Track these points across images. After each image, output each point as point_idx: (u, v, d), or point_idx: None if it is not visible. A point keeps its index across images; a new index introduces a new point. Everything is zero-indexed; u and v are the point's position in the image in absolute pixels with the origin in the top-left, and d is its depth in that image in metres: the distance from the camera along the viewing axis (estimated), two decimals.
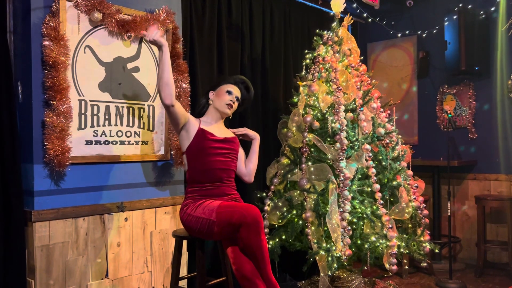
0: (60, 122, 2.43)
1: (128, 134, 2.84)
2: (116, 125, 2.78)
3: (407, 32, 5.05)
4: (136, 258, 2.85)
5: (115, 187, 2.76)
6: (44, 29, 2.42)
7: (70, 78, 2.54)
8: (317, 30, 3.78)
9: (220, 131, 2.71)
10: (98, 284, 2.65)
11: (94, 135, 2.67)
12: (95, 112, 2.68)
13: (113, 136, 2.77)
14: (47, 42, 2.42)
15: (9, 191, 2.36)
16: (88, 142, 2.64)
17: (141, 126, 2.91)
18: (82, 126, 2.62)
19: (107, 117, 2.73)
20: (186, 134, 2.61)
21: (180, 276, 2.79)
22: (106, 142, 2.73)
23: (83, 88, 2.61)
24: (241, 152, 2.86)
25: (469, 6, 4.50)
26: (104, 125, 2.72)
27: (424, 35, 4.94)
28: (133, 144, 2.86)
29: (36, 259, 2.39)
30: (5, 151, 2.35)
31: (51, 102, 2.43)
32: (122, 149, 2.81)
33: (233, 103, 2.71)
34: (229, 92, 2.71)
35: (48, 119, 2.41)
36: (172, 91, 2.43)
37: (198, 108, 2.83)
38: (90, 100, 2.65)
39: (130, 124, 2.85)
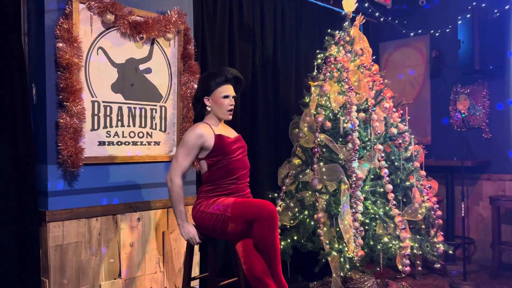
0: (73, 123, 2.46)
1: (141, 135, 2.86)
2: (128, 126, 2.80)
3: (420, 31, 5.00)
4: (148, 258, 2.86)
5: (127, 188, 2.78)
6: (58, 31, 2.45)
7: (83, 80, 2.57)
8: (329, 30, 3.76)
9: (228, 131, 2.68)
10: (111, 284, 2.67)
11: (107, 136, 2.69)
12: (108, 113, 2.70)
13: (126, 137, 2.79)
14: (60, 44, 2.44)
15: (24, 192, 2.39)
16: (101, 143, 2.67)
17: (153, 127, 2.92)
18: (95, 127, 2.64)
19: (119, 118, 2.75)
20: (205, 149, 2.53)
21: (192, 276, 2.80)
22: (119, 143, 2.75)
23: (96, 89, 2.63)
24: None
25: (483, 5, 4.45)
26: (116, 126, 2.74)
27: (437, 34, 4.89)
28: (145, 144, 2.88)
29: (50, 259, 2.42)
30: (20, 152, 2.38)
31: (65, 103, 2.45)
32: (135, 149, 2.82)
33: (233, 105, 2.61)
34: (226, 96, 2.56)
35: (61, 120, 2.44)
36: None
37: (196, 115, 2.69)
38: (103, 101, 2.67)
39: (143, 125, 2.87)
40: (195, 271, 3.01)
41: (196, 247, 2.96)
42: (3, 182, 2.35)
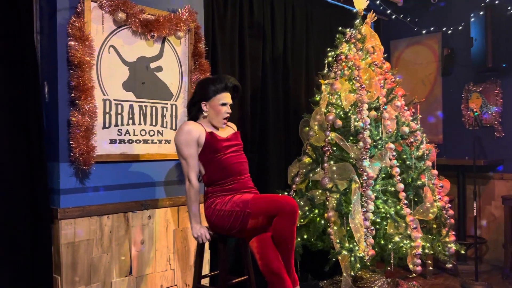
0: (85, 121, 2.47)
1: (152, 133, 2.87)
2: (139, 124, 2.81)
3: (432, 29, 4.96)
4: (159, 256, 2.87)
5: (138, 186, 2.79)
6: (70, 30, 2.46)
7: (95, 78, 2.58)
8: (340, 28, 3.74)
9: (223, 130, 2.70)
10: (122, 281, 2.68)
11: (118, 134, 2.70)
12: (119, 111, 2.71)
13: (137, 135, 2.80)
14: (72, 43, 2.45)
15: (36, 189, 2.41)
16: (113, 141, 2.68)
17: (164, 125, 2.93)
18: (107, 125, 2.65)
19: (131, 116, 2.76)
20: (198, 144, 2.58)
21: (202, 274, 2.80)
22: (130, 141, 2.76)
23: (107, 87, 2.64)
24: None
25: (496, 2, 4.39)
26: (128, 124, 2.75)
27: (449, 31, 4.84)
28: (156, 143, 2.89)
29: (62, 256, 2.44)
30: (33, 150, 2.40)
31: (77, 101, 2.47)
32: (146, 148, 2.83)
33: (229, 113, 2.64)
34: (224, 104, 2.59)
35: (73, 118, 2.45)
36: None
37: (191, 118, 2.68)
38: (114, 100, 2.68)
39: (153, 123, 2.88)
40: (206, 269, 3.02)
41: (207, 246, 2.96)
42: (17, 180, 2.38)
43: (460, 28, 4.73)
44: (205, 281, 2.91)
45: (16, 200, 2.37)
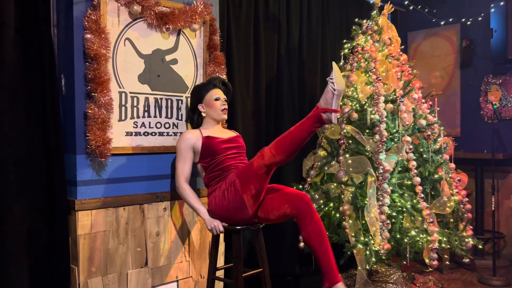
0: (101, 113, 2.49)
1: (167, 125, 2.88)
2: (155, 116, 2.82)
3: (450, 20, 4.87)
4: (174, 248, 2.89)
5: (154, 178, 2.80)
6: (86, 23, 2.47)
7: (111, 71, 2.59)
8: (356, 19, 3.69)
9: (222, 132, 2.79)
10: (137, 272, 2.71)
11: (134, 127, 2.71)
12: (135, 104, 2.72)
13: (152, 128, 2.81)
14: (88, 35, 2.46)
15: (53, 181, 2.44)
16: (128, 134, 2.69)
17: (179, 118, 2.94)
18: (123, 118, 2.66)
19: (146, 108, 2.77)
20: (196, 152, 2.69)
21: (217, 266, 2.82)
22: (146, 134, 2.77)
23: (123, 80, 2.66)
24: None
25: None
26: (143, 117, 2.76)
27: (468, 23, 4.75)
28: (171, 135, 2.90)
29: (79, 247, 2.47)
30: (50, 142, 2.43)
31: (93, 94, 2.48)
32: (161, 140, 2.85)
33: (225, 105, 2.78)
34: (217, 99, 2.74)
35: (90, 111, 2.47)
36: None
37: (193, 124, 2.84)
38: (130, 92, 2.69)
39: (169, 116, 2.88)
40: (220, 261, 3.03)
41: (222, 238, 2.97)
42: (35, 171, 2.41)
43: (479, 19, 4.63)
44: (219, 273, 2.93)
45: (33, 192, 2.40)
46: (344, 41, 3.71)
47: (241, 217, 2.54)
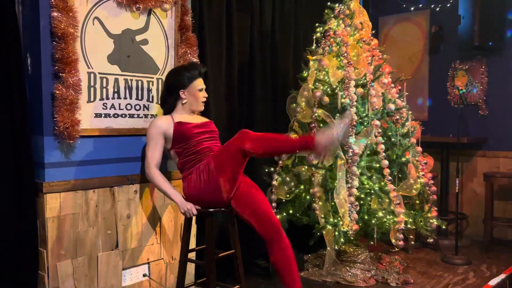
0: (69, 94, 2.43)
1: (137, 107, 2.84)
2: (125, 98, 2.77)
3: (420, 5, 4.94)
4: (145, 230, 2.89)
5: (124, 160, 2.78)
6: (52, 0, 2.39)
7: (79, 50, 2.53)
8: (328, 3, 3.70)
9: (194, 118, 2.78)
10: (108, 254, 2.70)
11: (103, 108, 2.67)
12: (104, 84, 2.67)
13: (122, 109, 2.77)
14: (55, 13, 2.39)
15: (21, 163, 2.38)
16: (98, 115, 2.65)
17: (150, 100, 2.90)
18: (92, 99, 2.61)
19: (116, 90, 2.73)
20: (168, 139, 2.66)
21: (189, 248, 2.83)
22: (115, 115, 2.73)
23: (92, 60, 2.60)
24: None
25: None
26: (113, 98, 2.71)
27: (437, 9, 4.83)
28: (142, 117, 2.86)
29: (48, 230, 2.43)
30: (16, 123, 2.37)
31: (60, 74, 2.42)
32: (132, 122, 2.81)
33: (206, 96, 2.79)
34: (201, 89, 2.74)
35: (57, 92, 2.41)
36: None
37: (166, 108, 2.76)
38: (99, 73, 2.64)
39: (139, 98, 2.85)
40: (192, 243, 3.04)
41: (194, 220, 2.98)
42: (1, 153, 2.34)
43: (448, 5, 4.71)
44: (191, 255, 2.94)
45: (1, 173, 2.34)
46: (317, 24, 3.72)
47: (216, 200, 2.55)
